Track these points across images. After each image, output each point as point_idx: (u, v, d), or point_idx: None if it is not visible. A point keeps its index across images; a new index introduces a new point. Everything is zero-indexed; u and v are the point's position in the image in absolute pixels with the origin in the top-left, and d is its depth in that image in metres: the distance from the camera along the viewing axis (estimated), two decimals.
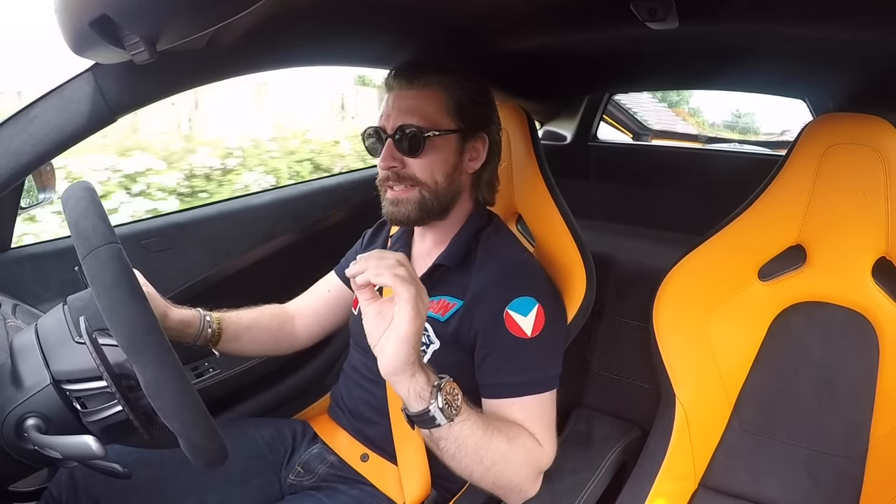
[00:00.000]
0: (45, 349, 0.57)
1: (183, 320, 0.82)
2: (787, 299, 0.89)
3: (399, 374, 0.60)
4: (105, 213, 0.54)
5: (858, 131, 0.80)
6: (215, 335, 0.86)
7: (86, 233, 0.51)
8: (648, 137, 2.46)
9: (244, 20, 0.61)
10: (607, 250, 1.25)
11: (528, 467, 0.69)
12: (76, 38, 0.59)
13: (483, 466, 0.65)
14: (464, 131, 0.80)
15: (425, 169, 0.78)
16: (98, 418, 0.55)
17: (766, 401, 0.90)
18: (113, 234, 0.51)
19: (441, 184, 0.80)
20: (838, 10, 0.74)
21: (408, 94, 0.78)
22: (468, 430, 0.63)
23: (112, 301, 0.49)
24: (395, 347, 0.59)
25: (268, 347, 0.95)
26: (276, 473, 0.90)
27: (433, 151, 0.78)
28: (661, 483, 0.87)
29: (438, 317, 0.80)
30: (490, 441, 0.65)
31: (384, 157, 0.78)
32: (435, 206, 0.80)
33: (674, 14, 0.76)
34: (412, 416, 0.62)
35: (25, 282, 0.93)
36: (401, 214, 0.80)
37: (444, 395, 0.61)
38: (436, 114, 0.78)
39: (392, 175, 0.79)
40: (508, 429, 0.70)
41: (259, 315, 0.94)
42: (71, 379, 0.56)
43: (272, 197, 1.32)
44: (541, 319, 0.75)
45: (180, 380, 0.50)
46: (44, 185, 0.92)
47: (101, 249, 0.50)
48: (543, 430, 0.73)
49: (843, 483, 0.84)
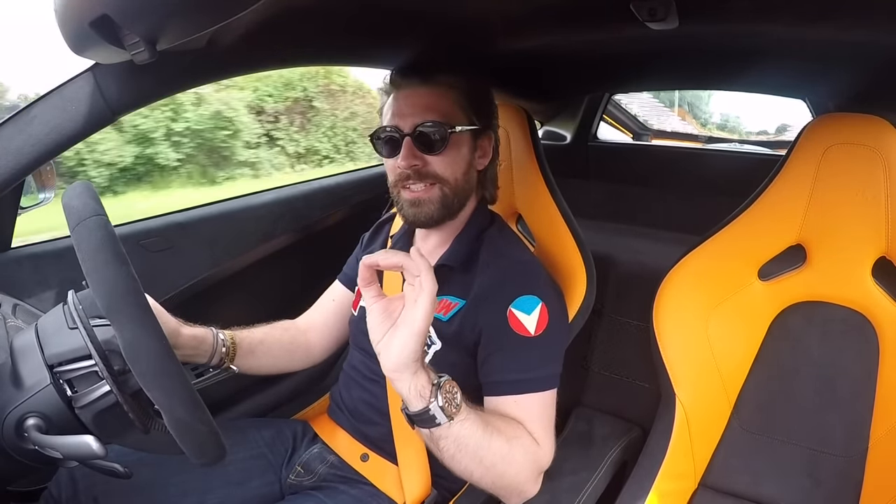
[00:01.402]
0: (43, 343, 0.58)
1: (196, 337, 0.81)
2: (787, 299, 0.89)
3: (403, 371, 0.59)
4: (98, 197, 0.55)
5: (858, 131, 0.80)
6: (230, 352, 0.85)
7: (76, 209, 0.52)
8: (648, 137, 2.47)
9: (244, 20, 0.61)
10: (607, 250, 1.25)
11: (528, 468, 0.69)
12: (76, 38, 0.59)
13: (483, 466, 0.65)
14: (476, 129, 0.81)
15: (447, 166, 0.78)
16: (88, 401, 0.55)
17: (766, 400, 0.90)
18: (101, 209, 0.53)
19: (460, 181, 0.80)
20: (838, 10, 0.74)
21: (422, 91, 0.78)
22: (468, 430, 0.63)
23: (95, 263, 0.49)
24: (405, 342, 0.58)
25: (282, 361, 0.94)
26: (276, 474, 0.90)
27: (453, 148, 0.78)
28: (661, 483, 0.87)
29: (441, 316, 0.80)
30: (490, 441, 0.65)
31: (405, 156, 0.76)
32: (455, 204, 0.81)
33: (674, 14, 0.76)
34: (412, 416, 0.61)
35: (25, 282, 0.93)
36: (424, 215, 0.79)
37: (444, 393, 0.61)
38: (452, 111, 0.78)
39: (413, 174, 0.78)
40: (508, 429, 0.69)
41: (270, 329, 0.93)
42: (62, 361, 0.56)
43: (272, 197, 1.32)
44: (544, 318, 0.75)
45: (160, 344, 0.50)
46: (44, 185, 0.92)
47: (89, 220, 0.51)
48: (543, 429, 0.73)
49: (843, 483, 0.84)
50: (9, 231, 0.92)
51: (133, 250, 1.05)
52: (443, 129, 0.76)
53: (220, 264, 1.19)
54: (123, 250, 0.51)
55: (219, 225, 1.20)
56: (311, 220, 1.37)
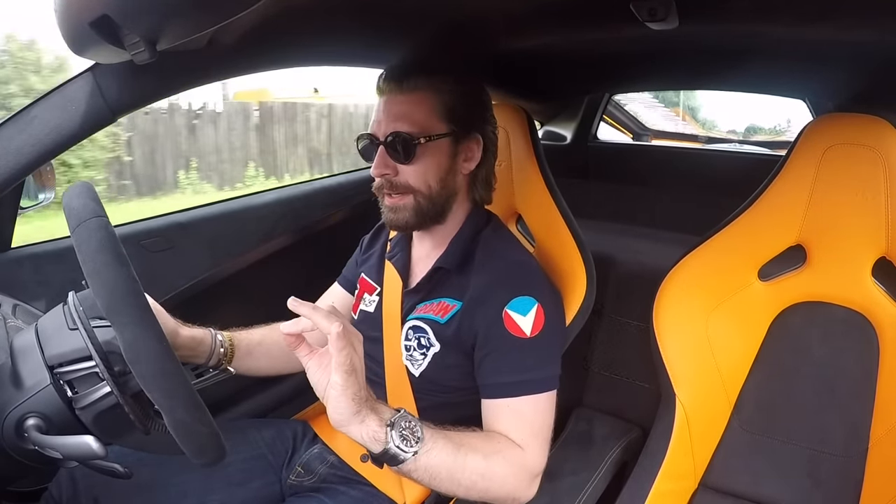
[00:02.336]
0: (43, 343, 0.58)
1: (194, 338, 0.81)
2: (787, 299, 0.89)
3: (349, 424, 0.59)
4: (98, 198, 0.55)
5: (858, 131, 0.80)
6: (228, 353, 0.85)
7: (77, 210, 0.53)
8: (648, 137, 2.47)
9: (244, 20, 0.61)
10: (607, 250, 1.25)
11: (513, 479, 0.68)
12: (76, 38, 0.59)
13: (463, 487, 0.64)
14: (456, 133, 0.79)
15: (418, 175, 0.78)
16: (88, 402, 0.55)
17: (766, 400, 0.90)
18: (102, 210, 0.53)
19: (435, 188, 0.79)
20: (838, 10, 0.74)
21: (398, 98, 0.78)
22: (437, 458, 0.62)
23: (95, 264, 0.50)
24: (337, 400, 0.58)
25: (280, 363, 0.93)
26: (276, 474, 0.90)
27: (425, 157, 0.77)
28: (661, 483, 0.87)
29: (438, 319, 0.80)
30: (464, 462, 0.63)
31: (377, 165, 0.77)
32: (431, 211, 0.80)
33: (674, 14, 0.76)
34: (375, 458, 0.61)
35: (25, 282, 0.93)
36: (400, 221, 0.80)
37: (400, 430, 0.60)
38: (426, 118, 0.77)
39: (385, 183, 0.78)
40: (485, 444, 0.68)
41: (269, 331, 0.93)
42: (63, 362, 0.56)
43: (272, 197, 1.32)
44: (540, 319, 0.74)
45: (160, 345, 0.50)
46: (44, 185, 0.92)
47: (90, 221, 0.51)
48: (534, 433, 0.72)
49: (844, 483, 0.84)
50: (9, 231, 0.92)
51: (133, 250, 1.05)
52: (412, 140, 0.76)
53: (221, 264, 1.19)
54: (124, 251, 0.52)
55: (219, 225, 1.20)
56: (312, 220, 1.37)
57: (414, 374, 0.81)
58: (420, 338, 0.81)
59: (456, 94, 0.79)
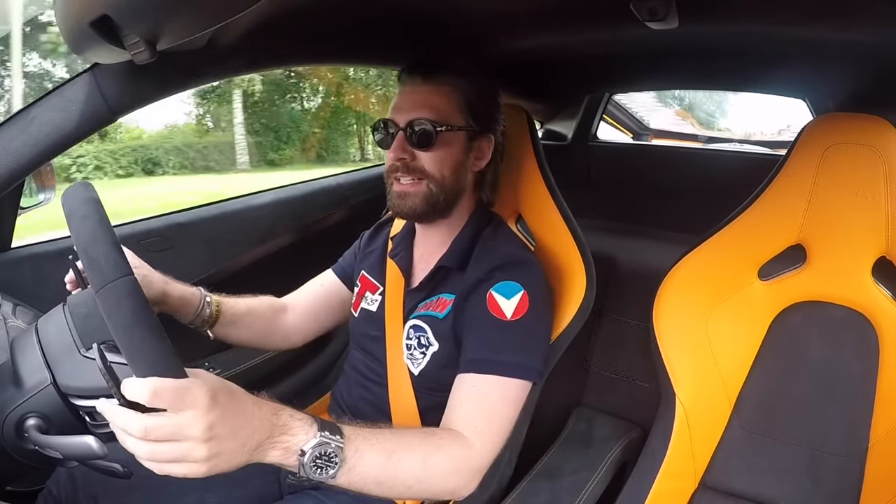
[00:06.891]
0: (50, 359, 0.57)
1: (182, 297, 0.82)
2: (787, 299, 0.89)
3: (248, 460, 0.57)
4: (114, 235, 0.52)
5: (858, 131, 0.80)
6: (213, 316, 0.86)
7: (98, 263, 0.49)
8: (648, 137, 2.46)
9: (244, 20, 0.61)
10: (607, 250, 1.25)
11: (454, 476, 0.67)
12: (76, 38, 0.59)
13: (395, 492, 0.64)
14: (472, 130, 0.82)
15: (434, 162, 0.79)
16: (108, 431, 0.54)
17: (766, 400, 0.90)
18: (127, 265, 0.50)
19: (448, 178, 0.81)
20: (838, 10, 0.74)
21: (422, 88, 0.80)
22: (359, 476, 0.60)
23: (131, 339, 0.47)
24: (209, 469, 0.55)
25: (261, 337, 0.94)
26: (275, 473, 0.89)
27: (443, 146, 0.79)
28: (662, 482, 0.87)
29: (437, 314, 0.81)
30: (395, 470, 0.62)
31: (394, 149, 0.79)
32: (441, 201, 0.81)
33: (674, 14, 0.76)
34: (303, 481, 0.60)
35: (25, 282, 0.93)
36: (407, 208, 0.81)
37: (313, 458, 0.59)
38: (449, 110, 0.79)
39: (401, 166, 0.79)
40: (426, 443, 0.66)
41: (257, 303, 0.94)
42: (81, 395, 0.56)
43: (272, 197, 1.32)
44: (523, 305, 0.74)
45: None
46: (44, 185, 0.92)
47: (117, 283, 0.48)
48: (488, 421, 0.70)
49: (844, 482, 0.84)
50: (9, 231, 0.92)
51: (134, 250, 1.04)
52: (433, 127, 0.78)
53: (220, 264, 1.19)
54: (155, 318, 0.48)
55: (219, 225, 1.20)
56: (311, 220, 1.37)
57: (414, 373, 0.82)
58: (420, 337, 0.82)
59: (477, 94, 0.82)
